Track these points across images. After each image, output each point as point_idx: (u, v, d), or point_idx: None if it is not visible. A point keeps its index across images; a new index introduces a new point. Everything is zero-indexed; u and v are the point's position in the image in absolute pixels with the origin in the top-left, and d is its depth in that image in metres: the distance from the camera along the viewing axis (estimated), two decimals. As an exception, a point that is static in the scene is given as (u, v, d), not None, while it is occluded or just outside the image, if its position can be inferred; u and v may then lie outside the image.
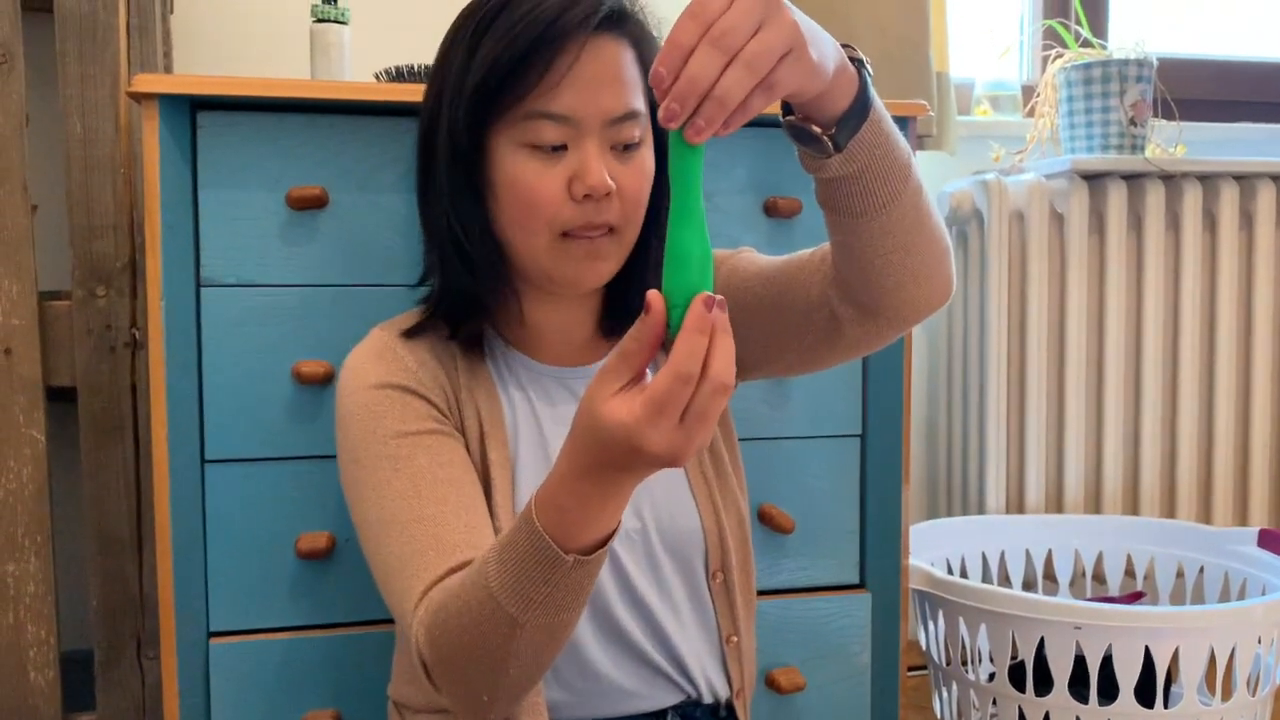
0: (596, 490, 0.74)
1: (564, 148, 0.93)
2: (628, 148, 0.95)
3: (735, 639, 1.06)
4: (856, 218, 0.85)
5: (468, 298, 1.00)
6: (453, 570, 0.86)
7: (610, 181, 0.92)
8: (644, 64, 0.96)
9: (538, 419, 1.03)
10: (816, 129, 0.80)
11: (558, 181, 0.93)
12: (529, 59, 0.90)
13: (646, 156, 0.97)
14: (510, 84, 0.92)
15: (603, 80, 0.92)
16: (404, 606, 0.87)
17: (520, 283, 1.02)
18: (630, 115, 0.93)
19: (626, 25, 0.95)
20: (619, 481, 0.74)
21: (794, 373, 1.09)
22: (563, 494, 0.75)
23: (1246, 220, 2.01)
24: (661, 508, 1.02)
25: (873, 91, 0.81)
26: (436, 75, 0.98)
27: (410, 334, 1.01)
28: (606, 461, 0.72)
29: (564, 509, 0.75)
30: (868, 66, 0.81)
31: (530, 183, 0.93)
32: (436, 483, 0.92)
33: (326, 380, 1.22)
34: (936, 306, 0.93)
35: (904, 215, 0.85)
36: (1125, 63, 1.92)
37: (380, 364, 0.98)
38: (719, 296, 0.69)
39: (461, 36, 0.95)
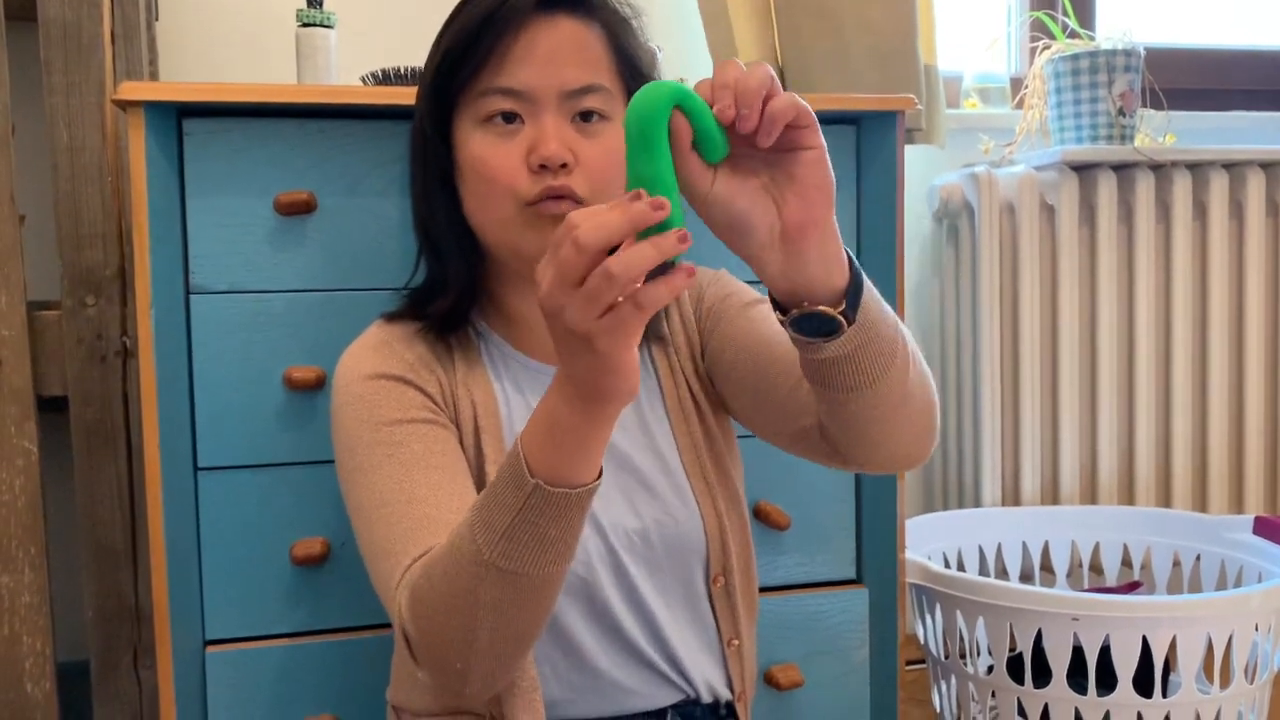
0: (566, 407, 0.75)
1: (520, 120, 0.95)
2: (586, 117, 0.95)
3: (736, 642, 1.06)
4: (847, 392, 0.83)
5: (440, 285, 1.02)
6: None
7: (567, 152, 0.93)
8: (616, 47, 0.98)
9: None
10: (828, 310, 0.78)
11: (515, 154, 0.94)
12: (479, 40, 0.94)
13: (614, 133, 0.97)
14: (463, 66, 0.95)
15: (558, 55, 0.94)
16: (390, 583, 0.87)
17: (505, 273, 1.03)
18: (589, 89, 0.95)
19: (592, 9, 0.97)
20: (582, 394, 0.74)
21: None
22: (541, 412, 0.77)
23: (1236, 208, 2.01)
24: (663, 509, 1.02)
25: (858, 264, 0.79)
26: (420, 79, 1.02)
27: (393, 318, 1.03)
28: (564, 365, 0.74)
29: (541, 427, 0.77)
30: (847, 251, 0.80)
31: (488, 157, 0.95)
32: (430, 469, 0.92)
33: (318, 385, 1.22)
34: (917, 462, 0.92)
35: (892, 389, 0.83)
36: (1113, 53, 1.92)
37: (376, 356, 0.99)
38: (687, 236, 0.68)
39: (436, 38, 0.99)
